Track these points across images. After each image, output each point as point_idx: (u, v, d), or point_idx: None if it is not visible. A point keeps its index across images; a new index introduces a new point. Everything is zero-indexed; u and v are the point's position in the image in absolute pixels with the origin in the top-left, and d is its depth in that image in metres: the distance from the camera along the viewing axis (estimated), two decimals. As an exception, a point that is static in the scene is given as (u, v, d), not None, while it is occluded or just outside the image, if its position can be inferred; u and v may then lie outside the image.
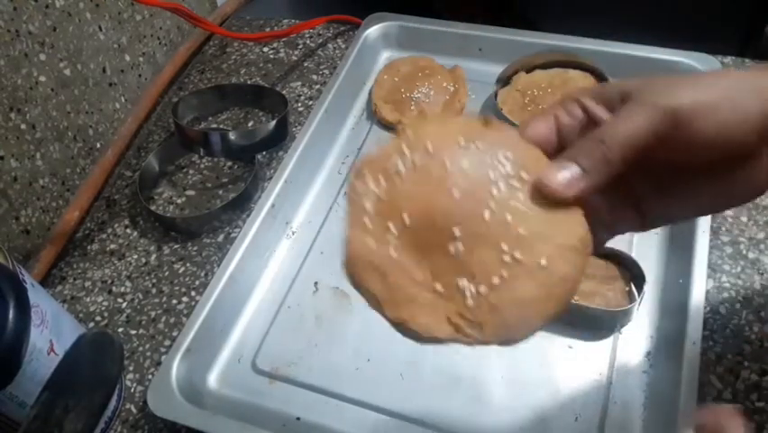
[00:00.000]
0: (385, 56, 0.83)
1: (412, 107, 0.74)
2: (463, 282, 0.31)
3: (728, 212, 0.63)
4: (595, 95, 0.35)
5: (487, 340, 0.31)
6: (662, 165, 0.35)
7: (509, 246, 0.31)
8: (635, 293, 0.57)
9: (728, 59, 0.75)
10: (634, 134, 0.32)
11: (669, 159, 0.34)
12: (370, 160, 0.34)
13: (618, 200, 0.36)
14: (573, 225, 0.32)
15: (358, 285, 0.33)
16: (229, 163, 0.76)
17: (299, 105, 0.80)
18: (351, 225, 0.33)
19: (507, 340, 0.32)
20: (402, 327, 0.32)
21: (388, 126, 0.75)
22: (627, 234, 0.49)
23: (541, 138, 0.35)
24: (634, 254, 0.59)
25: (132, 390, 0.60)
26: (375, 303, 0.33)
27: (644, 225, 0.37)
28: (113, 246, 0.70)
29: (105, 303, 0.66)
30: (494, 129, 0.34)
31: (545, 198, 0.32)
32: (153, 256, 0.69)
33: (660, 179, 0.36)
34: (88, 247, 0.71)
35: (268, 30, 0.89)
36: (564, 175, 0.32)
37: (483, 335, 0.31)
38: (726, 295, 0.58)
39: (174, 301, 0.65)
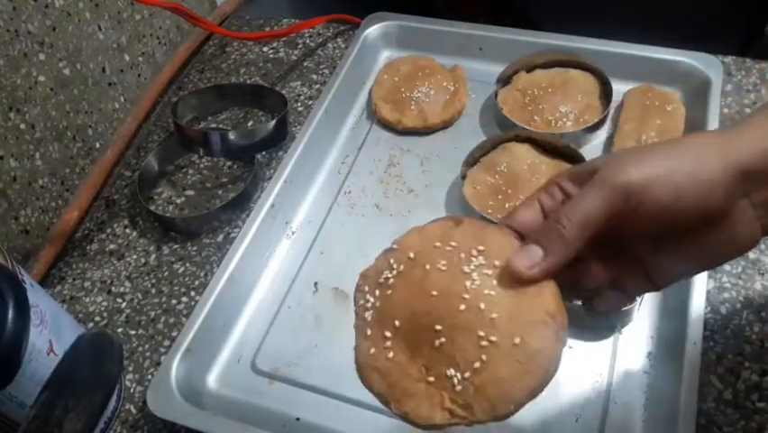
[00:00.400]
0: (385, 55, 0.83)
1: (412, 107, 0.74)
2: (450, 371, 0.35)
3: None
4: (570, 175, 0.37)
5: (478, 419, 0.35)
6: (637, 233, 0.36)
7: (485, 332, 0.35)
8: (636, 293, 0.57)
9: (729, 59, 0.75)
10: (588, 213, 0.34)
11: (640, 228, 0.36)
12: (366, 275, 0.39)
13: (625, 266, 0.38)
14: (542, 301, 0.35)
15: (367, 386, 0.38)
16: (228, 163, 0.76)
17: (299, 104, 0.80)
18: (357, 334, 0.39)
19: (497, 416, 0.35)
20: (406, 419, 0.37)
21: (388, 126, 0.75)
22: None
23: (527, 224, 0.38)
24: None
25: (132, 390, 0.59)
26: (382, 400, 0.37)
27: (655, 286, 0.39)
28: (112, 246, 0.70)
29: (105, 303, 0.66)
30: (465, 226, 0.38)
31: (516, 280, 0.35)
32: (153, 256, 0.69)
33: (645, 245, 0.37)
34: (88, 247, 0.71)
35: (267, 29, 0.89)
36: (528, 258, 0.35)
37: (474, 415, 0.35)
38: (726, 295, 0.58)
39: (173, 301, 0.65)
